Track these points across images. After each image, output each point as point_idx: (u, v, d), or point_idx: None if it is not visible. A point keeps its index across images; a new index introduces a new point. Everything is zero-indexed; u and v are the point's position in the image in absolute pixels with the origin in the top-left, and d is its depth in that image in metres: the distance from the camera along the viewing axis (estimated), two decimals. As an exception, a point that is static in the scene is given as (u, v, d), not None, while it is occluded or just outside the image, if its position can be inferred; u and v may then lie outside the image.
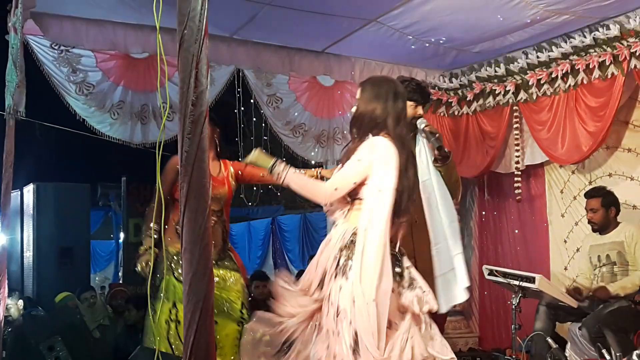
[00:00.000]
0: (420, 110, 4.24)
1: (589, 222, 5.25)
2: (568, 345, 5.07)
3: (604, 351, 4.48)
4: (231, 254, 4.49)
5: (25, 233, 8.88)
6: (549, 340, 4.38)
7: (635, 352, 4.05)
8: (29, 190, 8.85)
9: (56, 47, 5.58)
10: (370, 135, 3.08)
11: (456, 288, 4.11)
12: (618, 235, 5.11)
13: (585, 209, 5.27)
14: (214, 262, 4.02)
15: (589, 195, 5.28)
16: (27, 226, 8.85)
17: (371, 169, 3.02)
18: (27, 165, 9.90)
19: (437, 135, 4.07)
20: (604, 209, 5.14)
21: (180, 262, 3.98)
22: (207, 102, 2.08)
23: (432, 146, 4.07)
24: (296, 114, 6.77)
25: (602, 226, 5.17)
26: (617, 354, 4.34)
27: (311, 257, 10.00)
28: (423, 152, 4.15)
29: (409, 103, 4.16)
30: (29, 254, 8.69)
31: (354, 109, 3.26)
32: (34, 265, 8.53)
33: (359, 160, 3.04)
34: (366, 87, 3.22)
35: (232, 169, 4.52)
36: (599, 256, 5.17)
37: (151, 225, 4.20)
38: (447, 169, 4.14)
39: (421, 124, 4.17)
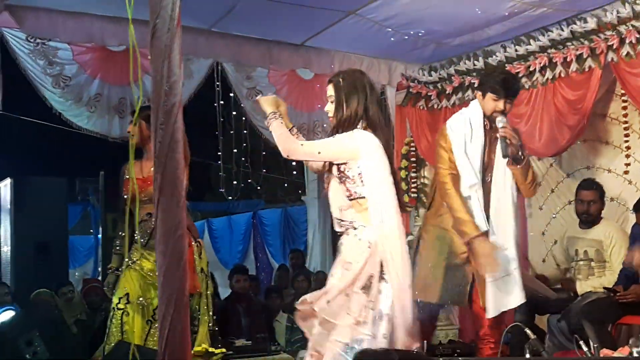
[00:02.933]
0: (500, 105, 4.02)
1: (583, 213, 5.06)
2: (547, 337, 5.09)
3: (581, 342, 4.51)
4: None
5: (2, 228, 8.79)
6: (527, 331, 4.40)
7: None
8: (5, 185, 8.76)
9: (32, 40, 5.52)
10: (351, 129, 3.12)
11: (511, 293, 4.05)
12: (598, 233, 5.06)
13: (580, 200, 5.08)
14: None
15: (586, 186, 5.11)
16: (4, 221, 8.76)
17: (353, 154, 3.06)
18: (3, 159, 9.81)
19: (507, 141, 3.96)
20: (601, 202, 5.04)
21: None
22: (180, 92, 2.06)
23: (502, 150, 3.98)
24: (276, 107, 6.74)
25: (595, 219, 5.05)
26: (595, 345, 4.36)
27: (293, 250, 9.88)
28: (498, 150, 4.04)
29: (490, 95, 4.03)
30: (6, 249, 8.61)
31: (330, 107, 3.25)
32: (11, 261, 8.45)
33: (335, 138, 3.14)
34: (340, 83, 3.19)
35: None
36: (576, 250, 5.17)
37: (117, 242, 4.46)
38: (521, 170, 4.03)
39: (499, 122, 4.00)
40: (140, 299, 4.20)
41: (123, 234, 4.38)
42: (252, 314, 6.60)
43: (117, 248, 4.47)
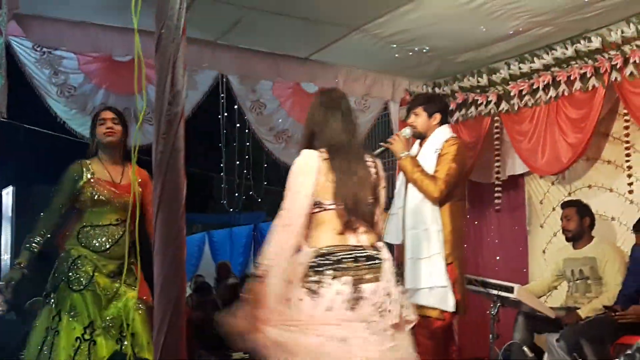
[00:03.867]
0: (411, 119, 4.59)
1: (564, 230, 5.34)
2: (545, 356, 5.07)
3: (580, 361, 4.50)
4: (134, 270, 3.97)
5: (3, 236, 8.79)
6: (525, 349, 4.39)
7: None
8: (7, 193, 8.78)
9: (38, 49, 5.53)
10: None
11: (431, 275, 4.33)
12: (591, 251, 5.18)
13: (561, 218, 5.37)
14: (113, 276, 3.86)
15: (564, 205, 5.43)
16: (5, 229, 8.77)
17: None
18: (6, 167, 9.83)
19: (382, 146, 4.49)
20: (579, 217, 5.25)
21: (79, 266, 3.84)
22: (183, 102, 2.07)
23: None
24: (280, 120, 6.76)
25: (576, 234, 5.26)
26: (594, 365, 4.35)
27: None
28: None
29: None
30: (6, 257, 8.61)
31: None
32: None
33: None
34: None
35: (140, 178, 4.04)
36: (572, 270, 5.22)
37: (41, 232, 3.99)
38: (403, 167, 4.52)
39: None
40: (107, 322, 3.85)
41: (44, 231, 3.99)
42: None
43: (31, 245, 3.96)
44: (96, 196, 3.99)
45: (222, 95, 6.46)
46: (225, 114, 6.72)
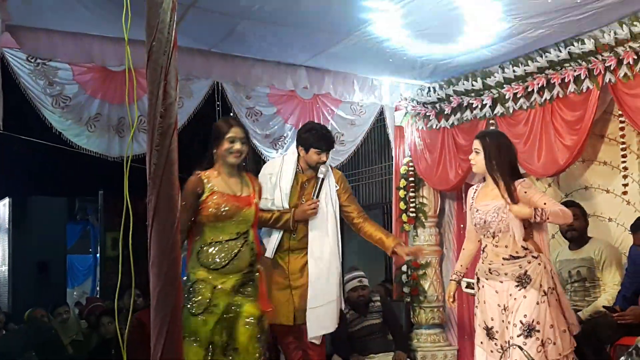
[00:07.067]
0: (323, 157, 4.70)
1: (568, 231, 5.19)
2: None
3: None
4: (256, 281, 3.99)
5: (0, 247, 8.78)
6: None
7: None
8: (4, 204, 8.77)
9: (32, 60, 5.54)
10: None
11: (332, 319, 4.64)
12: (587, 252, 5.12)
13: None
14: (235, 291, 3.84)
15: (568, 205, 5.12)
16: (3, 240, 8.76)
17: None
18: (2, 178, 9.82)
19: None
20: (583, 217, 5.14)
21: (196, 290, 3.73)
22: (176, 114, 2.06)
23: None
24: (276, 127, 6.77)
25: (582, 235, 5.14)
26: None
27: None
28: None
29: (313, 150, 4.71)
30: (4, 269, 8.60)
31: None
32: (9, 280, 8.43)
33: None
34: None
35: (257, 187, 4.15)
36: (569, 272, 5.17)
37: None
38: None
39: (320, 173, 4.71)
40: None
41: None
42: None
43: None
44: (220, 210, 3.86)
45: (217, 103, 6.46)
46: (222, 122, 6.69)
